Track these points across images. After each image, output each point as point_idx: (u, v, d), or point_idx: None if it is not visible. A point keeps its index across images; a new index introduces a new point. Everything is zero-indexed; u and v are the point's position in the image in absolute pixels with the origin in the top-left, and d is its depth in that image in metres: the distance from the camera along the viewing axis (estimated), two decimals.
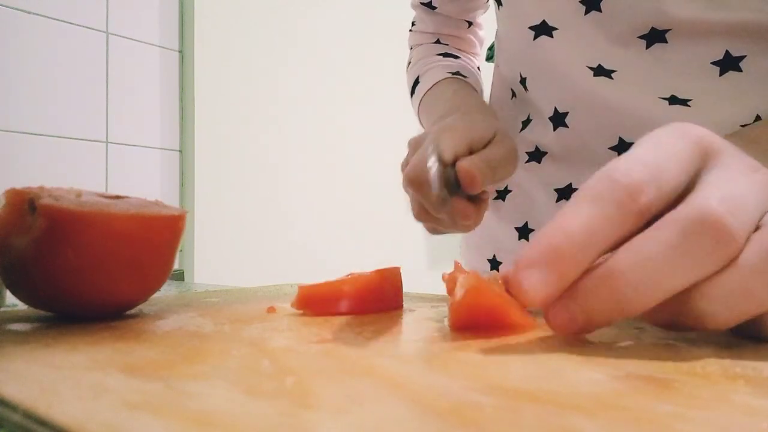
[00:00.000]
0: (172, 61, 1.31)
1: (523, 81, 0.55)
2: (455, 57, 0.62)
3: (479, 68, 0.64)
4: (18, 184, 0.32)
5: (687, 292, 0.22)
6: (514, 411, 0.16)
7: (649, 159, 0.23)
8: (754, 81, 0.44)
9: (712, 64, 0.44)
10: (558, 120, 0.53)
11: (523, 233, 0.59)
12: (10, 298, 0.36)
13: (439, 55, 0.62)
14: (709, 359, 0.22)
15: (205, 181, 1.32)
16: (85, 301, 0.31)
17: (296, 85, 1.50)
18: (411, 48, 0.67)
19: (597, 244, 0.22)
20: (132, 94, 1.24)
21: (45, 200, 0.30)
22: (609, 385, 0.19)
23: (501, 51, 0.59)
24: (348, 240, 1.58)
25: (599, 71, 0.48)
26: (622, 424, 0.15)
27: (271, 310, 0.35)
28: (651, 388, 0.18)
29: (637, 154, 0.23)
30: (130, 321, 0.32)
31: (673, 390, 0.18)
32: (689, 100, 0.46)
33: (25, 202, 0.30)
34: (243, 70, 1.40)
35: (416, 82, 0.61)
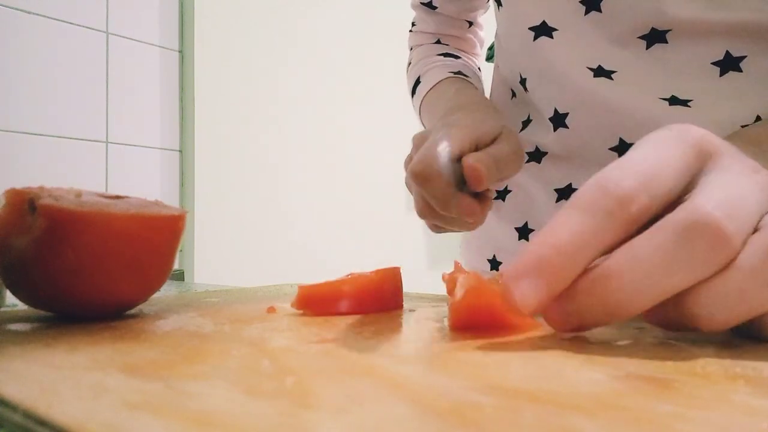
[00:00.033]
0: (172, 61, 1.31)
1: (523, 81, 0.55)
2: (456, 57, 0.62)
3: (479, 69, 0.64)
4: (18, 184, 0.32)
5: (683, 294, 0.22)
6: (514, 411, 0.16)
7: (642, 165, 0.23)
8: (755, 81, 0.44)
9: (713, 64, 0.44)
10: (558, 121, 0.53)
11: (523, 233, 0.59)
12: (10, 298, 0.36)
13: (440, 56, 0.62)
14: (709, 359, 0.22)
15: (205, 181, 1.32)
16: (85, 301, 0.31)
17: (296, 85, 1.50)
18: (411, 49, 0.66)
19: (587, 253, 0.22)
20: (132, 94, 1.24)
21: (45, 200, 0.30)
22: (609, 385, 0.19)
23: (501, 51, 0.59)
24: (348, 240, 1.58)
25: (599, 72, 0.48)
26: (622, 424, 0.15)
27: (271, 310, 0.35)
28: (651, 388, 0.18)
29: (630, 160, 0.24)
30: (130, 321, 0.32)
31: (673, 390, 0.18)
32: (689, 101, 0.46)
33: (25, 202, 0.30)
34: (243, 70, 1.40)
35: (417, 82, 0.61)
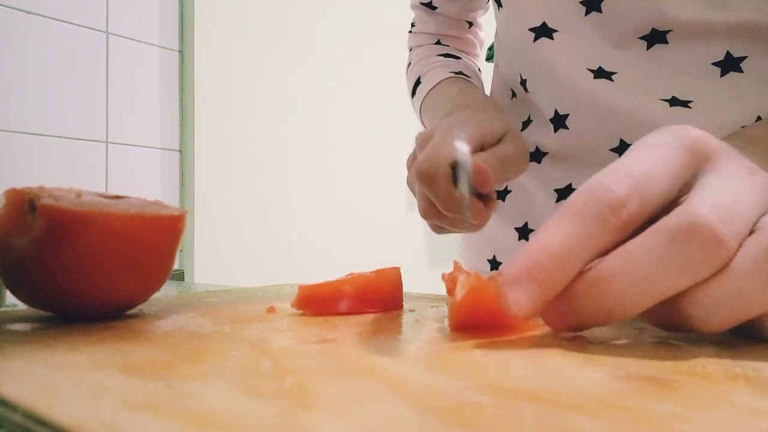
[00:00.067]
0: (172, 61, 1.31)
1: (524, 82, 0.55)
2: (456, 58, 0.62)
3: (479, 70, 0.64)
4: (18, 184, 0.32)
5: (679, 296, 0.22)
6: (514, 411, 0.16)
7: (635, 170, 0.23)
8: (755, 82, 0.44)
9: (713, 65, 0.44)
10: (558, 122, 0.53)
11: (523, 233, 0.59)
12: (10, 298, 0.36)
13: (440, 56, 0.61)
14: (709, 359, 0.22)
15: (205, 181, 1.32)
16: (85, 301, 0.31)
17: (296, 85, 1.50)
18: (410, 49, 0.66)
19: (578, 258, 0.23)
20: (132, 94, 1.24)
21: (45, 200, 0.30)
22: (609, 385, 0.19)
23: (501, 51, 0.59)
24: (348, 240, 1.58)
25: (599, 73, 0.48)
26: (622, 424, 0.15)
27: (271, 310, 0.35)
28: (651, 388, 0.18)
29: (623, 164, 0.24)
30: (130, 321, 0.32)
31: (673, 390, 0.18)
32: (690, 102, 0.46)
33: (25, 202, 0.30)
34: (243, 70, 1.40)
35: (417, 83, 0.60)
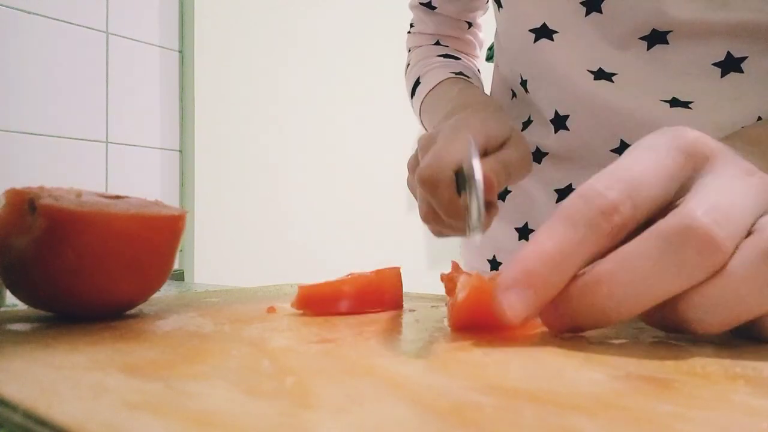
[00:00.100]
0: (172, 61, 1.31)
1: (524, 83, 0.55)
2: (456, 59, 0.62)
3: (479, 71, 0.64)
4: (18, 184, 0.32)
5: (676, 298, 0.22)
6: (514, 411, 0.16)
7: (627, 174, 0.23)
8: (756, 82, 0.44)
9: (714, 65, 0.44)
10: (559, 123, 0.53)
11: (523, 234, 0.59)
12: (10, 298, 0.36)
13: (439, 57, 0.61)
14: (709, 359, 0.22)
15: (205, 181, 1.32)
16: (85, 301, 0.31)
17: (296, 85, 1.50)
18: (409, 50, 0.66)
19: (572, 264, 0.23)
20: (132, 94, 1.24)
21: (45, 200, 0.30)
22: (609, 385, 0.19)
23: (501, 51, 0.59)
24: (348, 240, 1.58)
25: (600, 75, 0.48)
26: (622, 424, 0.15)
27: (271, 310, 0.35)
28: (651, 388, 0.18)
29: (617, 168, 0.24)
30: (130, 321, 0.32)
31: (673, 390, 0.18)
32: (690, 103, 0.46)
33: (25, 202, 0.30)
34: (243, 70, 1.40)
35: (417, 83, 0.60)
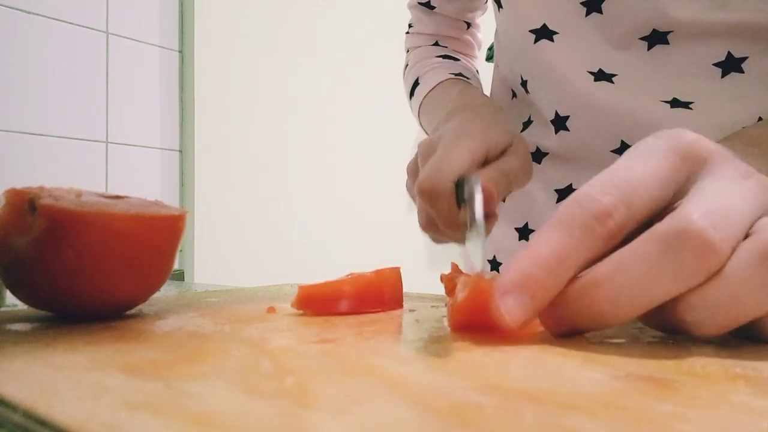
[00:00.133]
0: (172, 61, 1.31)
1: (524, 83, 0.55)
2: (455, 59, 0.61)
3: (478, 71, 0.64)
4: (18, 184, 0.32)
5: (674, 301, 0.22)
6: (514, 411, 0.16)
7: (622, 179, 0.23)
8: (756, 82, 0.44)
9: (714, 65, 0.44)
10: (559, 123, 0.53)
11: (523, 234, 0.59)
12: (10, 298, 0.36)
13: (438, 57, 0.61)
14: (709, 359, 0.22)
15: (205, 181, 1.32)
16: (85, 301, 0.31)
17: (296, 85, 1.50)
18: (408, 51, 0.65)
19: (568, 268, 0.23)
20: (132, 94, 1.24)
21: (45, 200, 0.30)
22: (609, 385, 0.19)
23: (501, 51, 0.59)
24: (348, 240, 1.58)
25: (600, 76, 0.48)
26: (622, 424, 0.15)
27: (271, 310, 0.35)
28: (651, 388, 0.18)
29: (612, 173, 0.24)
30: (130, 321, 0.32)
31: (673, 390, 0.18)
32: (691, 103, 0.46)
33: (25, 202, 0.30)
34: (243, 70, 1.40)
35: (416, 84, 0.60)
